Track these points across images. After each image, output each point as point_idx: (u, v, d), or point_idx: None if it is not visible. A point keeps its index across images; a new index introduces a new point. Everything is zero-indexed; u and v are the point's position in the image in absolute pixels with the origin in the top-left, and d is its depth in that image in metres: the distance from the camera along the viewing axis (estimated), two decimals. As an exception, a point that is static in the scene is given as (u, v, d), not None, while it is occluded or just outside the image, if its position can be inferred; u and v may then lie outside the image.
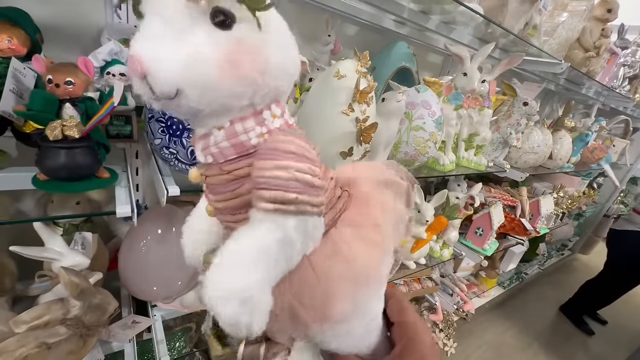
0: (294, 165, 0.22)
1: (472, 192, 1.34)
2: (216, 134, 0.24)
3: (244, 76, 0.22)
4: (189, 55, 0.20)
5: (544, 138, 1.41)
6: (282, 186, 0.22)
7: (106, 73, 0.65)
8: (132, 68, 0.20)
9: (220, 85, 0.21)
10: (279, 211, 0.22)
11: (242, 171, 0.24)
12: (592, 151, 1.93)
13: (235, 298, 0.21)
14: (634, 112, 2.36)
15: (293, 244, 0.23)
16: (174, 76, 0.20)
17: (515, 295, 2.46)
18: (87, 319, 0.62)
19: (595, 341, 2.23)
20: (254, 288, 0.22)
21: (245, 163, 0.24)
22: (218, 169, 0.25)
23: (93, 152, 0.51)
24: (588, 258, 3.27)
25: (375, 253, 0.27)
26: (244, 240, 0.23)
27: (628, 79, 1.87)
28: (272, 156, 0.23)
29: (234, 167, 0.24)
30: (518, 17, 1.02)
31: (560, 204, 2.14)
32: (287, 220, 0.22)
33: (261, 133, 0.24)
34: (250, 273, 0.22)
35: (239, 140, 0.24)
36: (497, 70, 1.06)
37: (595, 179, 2.71)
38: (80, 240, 0.76)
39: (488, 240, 1.53)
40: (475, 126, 1.15)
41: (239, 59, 0.21)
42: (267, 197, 0.22)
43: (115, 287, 0.93)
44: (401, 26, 1.10)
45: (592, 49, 1.35)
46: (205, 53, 0.20)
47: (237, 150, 0.24)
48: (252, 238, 0.22)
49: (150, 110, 0.56)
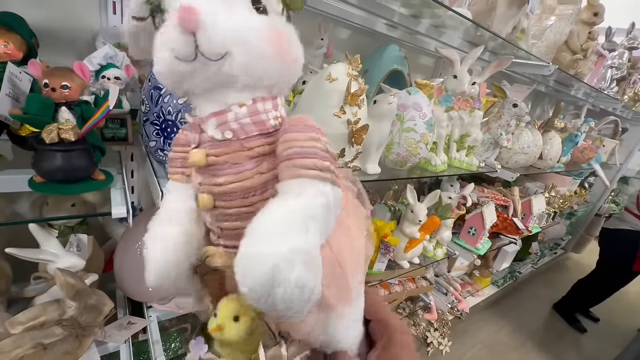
0: (323, 138, 0.24)
1: (464, 192, 1.36)
2: (237, 110, 0.24)
3: (284, 59, 0.23)
4: (245, 22, 0.21)
5: (533, 139, 1.44)
6: (318, 155, 0.23)
7: (101, 77, 0.66)
8: (183, 18, 0.19)
9: (266, 59, 0.22)
10: (319, 177, 0.22)
11: (263, 149, 0.25)
12: (582, 151, 1.97)
13: (300, 260, 0.19)
14: (622, 112, 2.40)
15: (330, 211, 0.22)
16: (229, 37, 0.20)
17: (509, 294, 2.48)
18: (82, 319, 0.62)
19: (587, 339, 2.26)
20: (314, 250, 0.20)
21: (266, 141, 0.25)
22: (239, 145, 0.24)
23: (89, 155, 0.52)
24: (580, 257, 3.31)
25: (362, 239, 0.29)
26: (290, 205, 0.21)
27: (616, 81, 1.91)
28: (303, 129, 0.24)
29: (255, 144, 0.25)
30: (506, 20, 1.04)
31: (552, 204, 2.17)
32: (325, 186, 0.22)
33: (276, 116, 0.26)
34: (308, 234, 0.20)
35: (260, 119, 0.24)
36: (487, 73, 1.09)
37: (586, 179, 2.75)
38: (76, 242, 0.77)
39: (481, 240, 1.55)
40: (467, 127, 1.18)
41: (283, 42, 0.23)
42: (308, 164, 0.22)
43: (111, 288, 0.94)
44: (393, 30, 1.12)
45: (580, 52, 1.39)
46: (258, 26, 0.22)
47: (259, 128, 0.25)
48: (299, 203, 0.21)
49: (145, 113, 0.57)
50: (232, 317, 0.25)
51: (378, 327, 0.31)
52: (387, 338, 0.29)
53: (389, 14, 0.92)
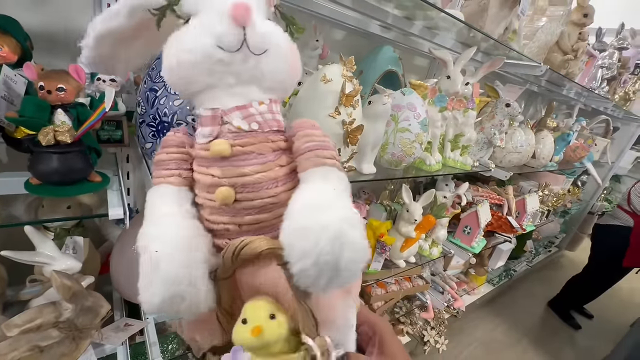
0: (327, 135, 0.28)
1: (458, 191, 1.38)
2: (257, 106, 0.26)
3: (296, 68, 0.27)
4: (276, 28, 0.25)
5: (526, 138, 1.46)
6: (331, 147, 0.27)
7: (96, 79, 0.66)
8: (239, 12, 0.22)
9: (288, 65, 0.26)
10: (336, 165, 0.26)
11: (281, 144, 0.27)
12: (575, 150, 2.00)
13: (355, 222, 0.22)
14: (613, 112, 2.44)
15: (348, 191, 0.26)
16: (269, 36, 0.24)
17: (505, 292, 2.51)
18: (79, 321, 0.62)
19: (582, 335, 2.29)
20: (357, 214, 0.23)
21: (282, 137, 0.28)
22: (264, 137, 0.26)
23: (85, 157, 0.52)
24: (574, 254, 3.35)
25: None
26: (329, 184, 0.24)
27: (606, 81, 1.94)
28: (313, 127, 0.27)
29: (277, 138, 0.27)
30: (498, 21, 1.06)
31: (546, 202, 2.20)
32: (341, 172, 0.26)
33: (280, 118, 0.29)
34: (350, 203, 0.24)
35: (276, 117, 0.28)
36: (480, 73, 1.10)
37: (579, 177, 2.79)
38: (72, 244, 0.77)
39: (476, 238, 1.57)
40: (461, 127, 1.19)
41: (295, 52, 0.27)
42: (327, 154, 0.26)
43: (107, 291, 0.93)
44: (387, 31, 1.13)
45: (571, 52, 1.41)
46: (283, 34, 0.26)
47: (277, 124, 0.27)
48: (333, 182, 0.25)
49: (141, 115, 0.58)
50: (268, 316, 0.23)
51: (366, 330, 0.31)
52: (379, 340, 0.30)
53: (383, 15, 0.93)
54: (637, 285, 2.89)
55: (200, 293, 0.23)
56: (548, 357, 2.02)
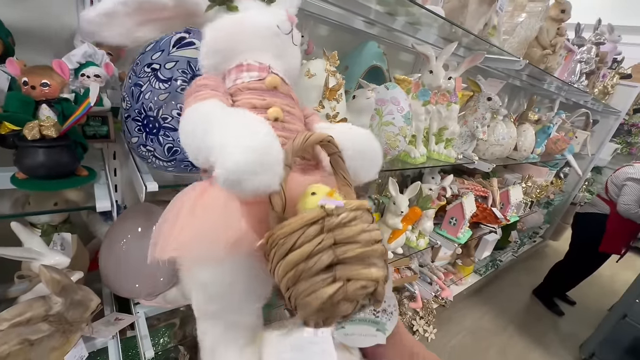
0: None
1: (443, 184, 1.41)
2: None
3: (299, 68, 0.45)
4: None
5: (508, 131, 1.50)
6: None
7: (81, 75, 0.66)
8: (292, 20, 0.39)
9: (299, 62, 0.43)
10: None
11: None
12: (556, 142, 2.06)
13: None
14: (593, 105, 2.52)
15: None
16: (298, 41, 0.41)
17: (492, 281, 2.58)
18: (69, 315, 0.63)
19: (565, 321, 2.38)
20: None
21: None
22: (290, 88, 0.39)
23: (71, 151, 0.53)
24: (558, 244, 3.46)
25: None
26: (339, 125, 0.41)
27: (585, 75, 2.00)
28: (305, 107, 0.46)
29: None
30: (478, 17, 1.09)
31: (530, 193, 2.26)
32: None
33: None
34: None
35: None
36: (462, 68, 1.14)
37: (561, 169, 2.87)
38: (59, 241, 0.77)
39: (461, 229, 1.61)
40: (444, 121, 1.22)
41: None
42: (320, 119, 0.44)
43: (97, 288, 0.94)
44: (371, 27, 1.15)
45: (549, 47, 1.46)
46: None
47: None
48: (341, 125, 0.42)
49: (126, 109, 0.58)
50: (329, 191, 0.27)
51: None
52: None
53: (366, 11, 0.95)
54: (617, 272, 3.01)
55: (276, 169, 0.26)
56: (533, 343, 2.10)
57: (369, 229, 0.23)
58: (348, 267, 0.21)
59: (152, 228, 0.81)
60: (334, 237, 0.22)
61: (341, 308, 0.21)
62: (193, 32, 0.59)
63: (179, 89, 0.56)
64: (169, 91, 0.55)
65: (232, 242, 0.26)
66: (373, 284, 0.21)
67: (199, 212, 0.29)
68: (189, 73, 0.56)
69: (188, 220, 0.29)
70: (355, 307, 0.22)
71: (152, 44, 0.58)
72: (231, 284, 0.29)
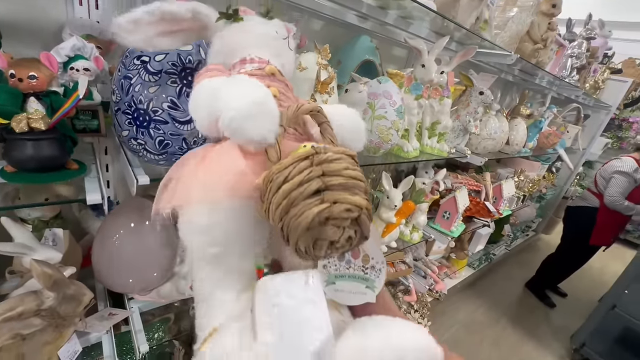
0: None
1: (436, 178, 1.42)
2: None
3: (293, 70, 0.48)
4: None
5: (500, 125, 1.52)
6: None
7: (70, 68, 0.65)
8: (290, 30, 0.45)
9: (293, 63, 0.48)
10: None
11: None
12: (548, 137, 2.09)
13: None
14: (584, 100, 2.55)
15: None
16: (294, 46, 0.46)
17: (485, 275, 2.62)
18: (62, 309, 0.63)
19: (556, 312, 2.43)
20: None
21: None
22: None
23: (60, 144, 0.53)
24: (550, 237, 3.51)
25: None
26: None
27: (576, 69, 2.03)
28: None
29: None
30: (469, 11, 1.09)
31: (522, 188, 2.29)
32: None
33: None
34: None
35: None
36: (454, 62, 1.14)
37: (553, 164, 2.91)
38: (51, 236, 0.77)
39: (455, 223, 1.63)
40: (437, 115, 1.23)
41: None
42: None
43: (90, 285, 0.93)
44: (364, 21, 1.15)
45: (540, 41, 1.47)
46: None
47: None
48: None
49: (116, 102, 0.58)
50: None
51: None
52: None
53: (358, 5, 0.95)
54: (607, 264, 3.07)
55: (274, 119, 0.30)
56: (525, 334, 2.14)
57: (354, 167, 0.25)
58: (335, 192, 0.23)
59: (145, 223, 0.82)
60: (322, 169, 0.24)
61: (328, 230, 0.23)
62: (183, 25, 0.59)
63: (169, 81, 0.55)
64: (159, 84, 0.55)
65: (232, 185, 0.29)
66: (357, 209, 0.23)
67: (201, 166, 0.32)
68: (179, 65, 0.56)
69: (190, 173, 0.32)
70: (342, 234, 0.23)
71: (142, 36, 0.58)
72: (231, 227, 0.31)
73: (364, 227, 0.24)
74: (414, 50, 1.08)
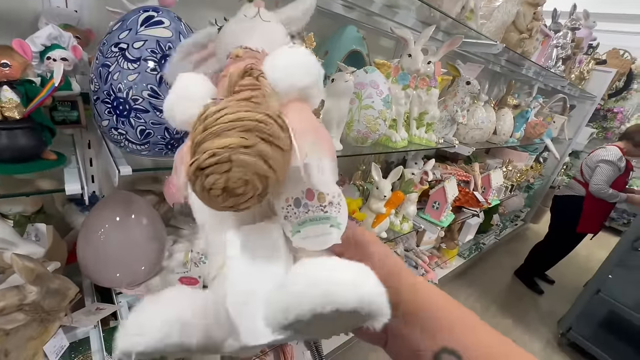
0: None
1: (425, 168, 1.44)
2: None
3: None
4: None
5: (487, 115, 1.53)
6: None
7: (46, 58, 0.64)
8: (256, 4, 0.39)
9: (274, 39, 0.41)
10: None
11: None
12: (534, 127, 2.12)
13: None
14: (570, 90, 2.59)
15: None
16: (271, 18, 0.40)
17: (475, 264, 2.66)
18: (46, 304, 0.62)
19: (544, 299, 2.49)
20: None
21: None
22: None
23: (36, 134, 0.51)
24: (538, 227, 3.58)
25: None
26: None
27: (562, 60, 2.05)
28: None
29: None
30: (455, 1, 1.10)
31: (510, 178, 2.33)
32: None
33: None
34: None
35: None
36: (441, 52, 1.15)
37: (540, 154, 2.96)
38: (34, 232, 0.75)
39: (444, 213, 1.65)
40: (425, 105, 1.24)
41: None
42: None
43: (77, 281, 0.92)
44: (350, 10, 1.14)
45: (526, 31, 1.48)
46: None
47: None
48: None
49: (95, 92, 0.57)
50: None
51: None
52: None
53: (343, -7, 0.95)
54: (593, 252, 3.15)
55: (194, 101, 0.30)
56: (515, 321, 2.19)
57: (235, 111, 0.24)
58: (206, 143, 0.23)
59: (131, 216, 0.81)
60: (204, 125, 0.23)
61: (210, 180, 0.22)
62: (162, 11, 0.58)
63: (149, 69, 0.54)
64: (139, 71, 0.54)
65: None
66: (225, 151, 0.22)
67: None
68: (159, 53, 0.55)
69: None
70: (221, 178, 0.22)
71: (119, 22, 0.57)
72: None
73: (244, 165, 0.22)
74: (401, 40, 1.08)
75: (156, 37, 0.55)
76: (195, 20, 0.77)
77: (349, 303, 0.18)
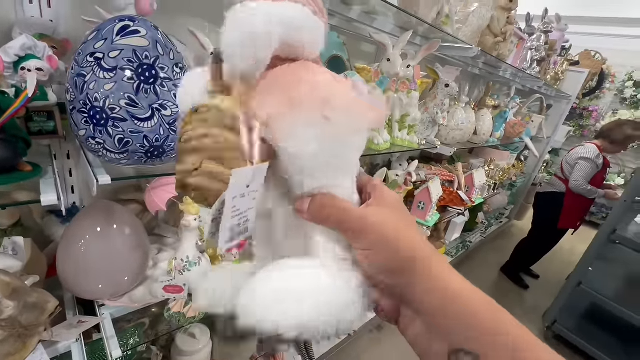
0: None
1: (409, 169, 1.47)
2: None
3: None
4: None
5: (467, 116, 1.58)
6: None
7: (21, 68, 0.63)
8: None
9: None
10: None
11: None
12: (513, 126, 2.19)
13: None
14: (547, 90, 2.69)
15: None
16: None
17: (463, 262, 2.71)
18: (23, 318, 0.61)
19: (529, 293, 2.55)
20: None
21: None
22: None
23: (10, 145, 0.51)
24: (522, 223, 3.68)
25: None
26: None
27: (537, 62, 2.14)
28: None
29: None
30: (430, 6, 1.13)
31: (493, 176, 2.39)
32: None
33: None
34: None
35: None
36: (419, 56, 1.18)
37: (521, 153, 3.05)
38: (11, 245, 0.74)
39: (429, 213, 1.68)
40: (406, 108, 1.27)
41: None
42: None
43: (58, 295, 0.89)
44: (330, 17, 1.17)
45: (500, 35, 1.54)
46: None
47: None
48: None
49: (71, 101, 0.56)
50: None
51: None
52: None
53: (322, 1, 0.96)
54: (575, 246, 3.25)
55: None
56: (501, 316, 2.23)
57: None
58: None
59: (112, 226, 0.80)
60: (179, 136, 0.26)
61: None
62: (138, 20, 0.58)
63: (126, 78, 0.55)
64: (115, 80, 0.54)
65: None
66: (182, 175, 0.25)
67: None
68: (135, 62, 0.55)
69: None
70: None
71: (94, 32, 0.57)
72: None
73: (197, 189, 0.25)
74: (380, 45, 1.11)
75: (133, 47, 0.56)
76: (174, 29, 0.78)
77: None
